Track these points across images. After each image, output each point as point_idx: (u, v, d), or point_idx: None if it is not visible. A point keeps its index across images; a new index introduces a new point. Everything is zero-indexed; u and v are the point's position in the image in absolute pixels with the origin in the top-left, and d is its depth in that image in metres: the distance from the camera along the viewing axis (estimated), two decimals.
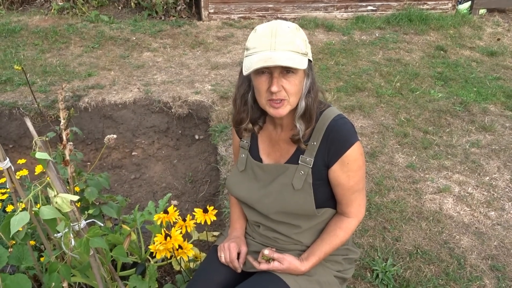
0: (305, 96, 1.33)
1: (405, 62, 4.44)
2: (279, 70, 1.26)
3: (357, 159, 1.38)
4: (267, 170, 1.48)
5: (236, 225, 1.63)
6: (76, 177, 2.07)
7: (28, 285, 1.40)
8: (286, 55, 1.22)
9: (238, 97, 1.41)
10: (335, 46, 4.76)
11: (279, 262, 1.41)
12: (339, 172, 1.38)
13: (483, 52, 4.83)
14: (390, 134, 3.17)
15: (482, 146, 3.09)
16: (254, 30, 1.31)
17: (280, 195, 1.43)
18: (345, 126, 1.38)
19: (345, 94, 3.72)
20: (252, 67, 1.23)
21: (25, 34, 4.62)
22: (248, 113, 1.41)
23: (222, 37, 4.88)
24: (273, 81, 1.26)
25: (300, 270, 1.42)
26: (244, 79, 1.38)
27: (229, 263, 1.51)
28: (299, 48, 1.26)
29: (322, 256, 1.45)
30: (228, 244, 1.52)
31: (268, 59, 1.21)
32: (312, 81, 1.35)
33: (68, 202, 1.33)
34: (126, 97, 3.50)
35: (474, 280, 2.01)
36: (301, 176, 1.40)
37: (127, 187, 3.41)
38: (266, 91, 1.29)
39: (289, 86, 1.27)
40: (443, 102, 3.67)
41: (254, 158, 1.52)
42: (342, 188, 1.41)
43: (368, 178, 2.68)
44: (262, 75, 1.28)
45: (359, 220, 1.47)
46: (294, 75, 1.27)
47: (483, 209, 2.48)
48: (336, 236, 1.45)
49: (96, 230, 1.39)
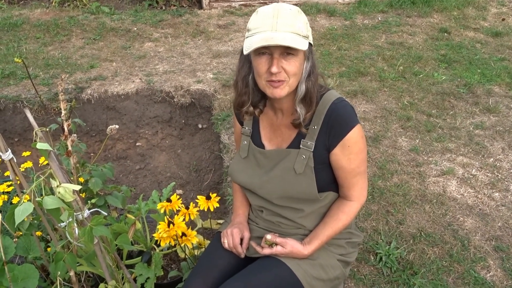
0: (305, 80, 1.33)
1: (408, 45, 4.39)
2: (279, 51, 1.26)
3: (358, 142, 1.38)
4: (269, 156, 1.48)
5: (239, 211, 1.64)
6: (80, 168, 2.10)
7: (35, 274, 1.41)
8: (287, 36, 1.22)
9: (239, 79, 1.40)
10: (337, 31, 4.72)
11: (282, 247, 1.42)
12: (340, 155, 1.38)
13: (487, 33, 4.76)
14: (393, 118, 3.15)
15: (486, 127, 3.06)
16: (256, 11, 1.31)
17: (282, 179, 1.44)
18: (345, 109, 1.38)
19: (348, 79, 3.70)
20: (253, 46, 1.23)
21: (27, 27, 4.62)
22: (249, 95, 1.40)
23: (223, 25, 4.85)
24: (273, 61, 1.26)
25: (303, 254, 1.43)
26: (245, 61, 1.38)
27: (232, 249, 1.52)
28: (300, 30, 1.26)
29: (324, 240, 1.45)
30: (231, 230, 1.53)
31: (270, 39, 1.21)
32: (312, 65, 1.34)
33: (71, 192, 1.34)
34: (128, 88, 3.50)
35: (478, 261, 2.01)
36: (303, 160, 1.41)
37: (132, 178, 3.43)
38: (266, 72, 1.28)
39: (289, 67, 1.27)
40: (446, 84, 3.64)
41: (256, 145, 1.52)
42: (344, 171, 1.41)
43: (371, 162, 2.67)
44: (262, 56, 1.28)
45: (361, 203, 1.48)
46: (294, 57, 1.27)
47: (487, 190, 2.47)
48: (338, 220, 1.45)
49: (100, 219, 1.40)
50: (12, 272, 1.39)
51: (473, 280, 1.92)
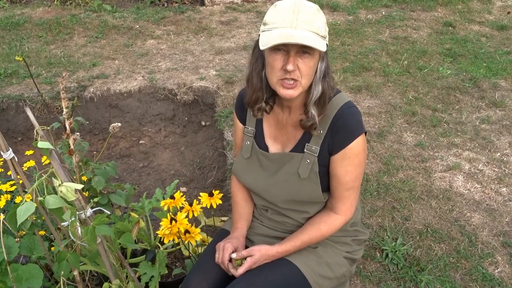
0: (321, 81, 1.30)
1: (412, 40, 4.35)
2: (296, 49, 1.22)
3: (359, 154, 1.35)
4: (272, 159, 1.46)
5: (237, 224, 1.59)
6: (83, 166, 2.08)
7: (40, 274, 1.40)
8: (307, 34, 1.19)
9: (254, 74, 1.35)
10: (340, 26, 4.68)
11: (251, 256, 1.40)
12: (338, 163, 1.36)
13: (492, 26, 4.71)
14: (398, 113, 3.12)
15: (492, 122, 3.03)
16: (274, 5, 1.26)
17: (287, 184, 1.42)
18: (353, 116, 1.35)
19: (352, 75, 3.67)
20: (271, 43, 1.19)
21: (29, 26, 4.62)
22: (264, 91, 1.36)
23: (225, 21, 4.82)
24: (289, 59, 1.22)
25: (272, 252, 1.41)
26: (258, 55, 1.34)
27: (221, 264, 1.46)
28: (319, 29, 1.22)
29: (298, 245, 1.43)
30: (223, 245, 1.47)
31: (290, 36, 1.17)
32: (327, 66, 1.32)
33: (73, 191, 1.32)
34: (131, 85, 3.49)
35: (486, 257, 1.99)
36: (307, 165, 1.39)
37: (135, 176, 3.42)
38: (280, 70, 1.25)
39: (304, 67, 1.24)
40: (452, 79, 3.60)
41: (259, 146, 1.50)
42: (337, 181, 1.39)
43: (376, 158, 2.65)
44: (278, 52, 1.24)
45: (346, 219, 1.45)
46: (310, 57, 1.24)
47: (494, 185, 2.44)
48: (318, 229, 1.43)
49: (102, 218, 1.39)
50: (16, 272, 1.38)
51: (481, 277, 1.90)
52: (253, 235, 1.58)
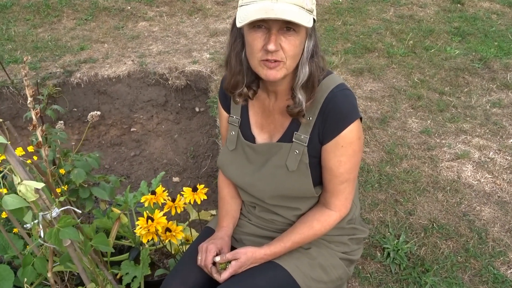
0: (308, 61, 1.15)
1: (418, 18, 4.23)
2: (278, 26, 1.07)
3: (353, 143, 1.21)
4: (259, 151, 1.34)
5: (222, 223, 1.47)
6: (61, 158, 1.97)
7: (11, 276, 1.34)
8: (290, 8, 1.03)
9: (232, 56, 1.21)
10: (342, 5, 4.54)
11: (236, 259, 1.28)
12: (331, 154, 1.22)
13: (504, 2, 4.59)
14: (403, 97, 3.01)
15: (504, 105, 2.92)
16: None
17: (274, 178, 1.30)
18: (346, 99, 1.20)
19: (354, 56, 3.55)
20: (248, 19, 1.04)
21: (17, 9, 4.48)
22: (244, 74, 1.23)
23: (221, 1, 4.68)
24: (271, 38, 1.07)
25: (260, 254, 1.30)
26: (237, 35, 1.19)
27: (204, 268, 1.34)
28: (304, 3, 1.07)
29: (288, 246, 1.32)
30: (206, 246, 1.35)
31: (270, 11, 1.02)
32: (315, 44, 1.17)
33: (33, 190, 1.19)
34: (119, 70, 3.34)
35: (497, 256, 1.87)
36: (296, 156, 1.26)
37: (127, 165, 3.30)
38: (261, 50, 1.10)
39: (288, 46, 1.09)
40: (460, 59, 3.50)
41: (245, 136, 1.37)
42: (330, 173, 1.25)
43: (378, 147, 2.54)
44: (257, 30, 1.09)
45: (341, 216, 1.33)
46: (295, 34, 1.09)
47: (507, 175, 2.32)
48: (311, 227, 1.31)
49: (68, 220, 1.26)
50: None
51: (492, 278, 1.78)
52: (240, 234, 1.47)
